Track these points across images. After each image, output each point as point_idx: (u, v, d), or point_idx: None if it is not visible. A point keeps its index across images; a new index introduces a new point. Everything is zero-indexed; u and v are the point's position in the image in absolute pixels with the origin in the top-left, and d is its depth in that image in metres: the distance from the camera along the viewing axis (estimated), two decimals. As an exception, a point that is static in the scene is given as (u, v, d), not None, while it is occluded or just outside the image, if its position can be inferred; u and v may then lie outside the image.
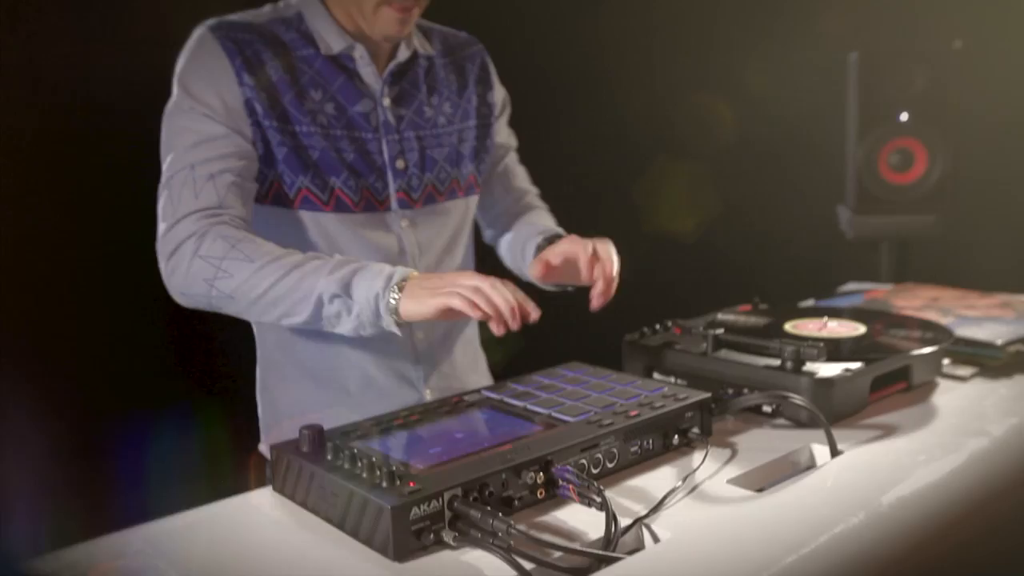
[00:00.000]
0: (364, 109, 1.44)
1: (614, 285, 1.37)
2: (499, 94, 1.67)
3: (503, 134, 1.69)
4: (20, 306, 2.32)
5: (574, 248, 1.37)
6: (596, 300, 1.35)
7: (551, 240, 1.53)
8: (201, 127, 1.32)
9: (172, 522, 1.01)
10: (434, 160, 1.51)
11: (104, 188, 2.27)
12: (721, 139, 3.12)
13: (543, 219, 1.70)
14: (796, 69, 2.82)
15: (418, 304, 1.17)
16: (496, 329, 1.17)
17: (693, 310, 1.62)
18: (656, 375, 1.40)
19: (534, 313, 1.18)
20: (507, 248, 1.70)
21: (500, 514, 0.88)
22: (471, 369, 1.63)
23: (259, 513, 1.03)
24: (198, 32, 1.38)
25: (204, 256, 1.24)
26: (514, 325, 1.16)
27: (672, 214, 3.18)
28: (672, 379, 1.37)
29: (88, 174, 2.32)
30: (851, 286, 2.03)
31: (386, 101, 1.46)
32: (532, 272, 1.43)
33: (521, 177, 1.75)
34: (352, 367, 1.47)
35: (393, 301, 1.18)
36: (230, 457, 2.37)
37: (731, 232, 3.11)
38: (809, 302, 1.85)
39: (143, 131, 1.46)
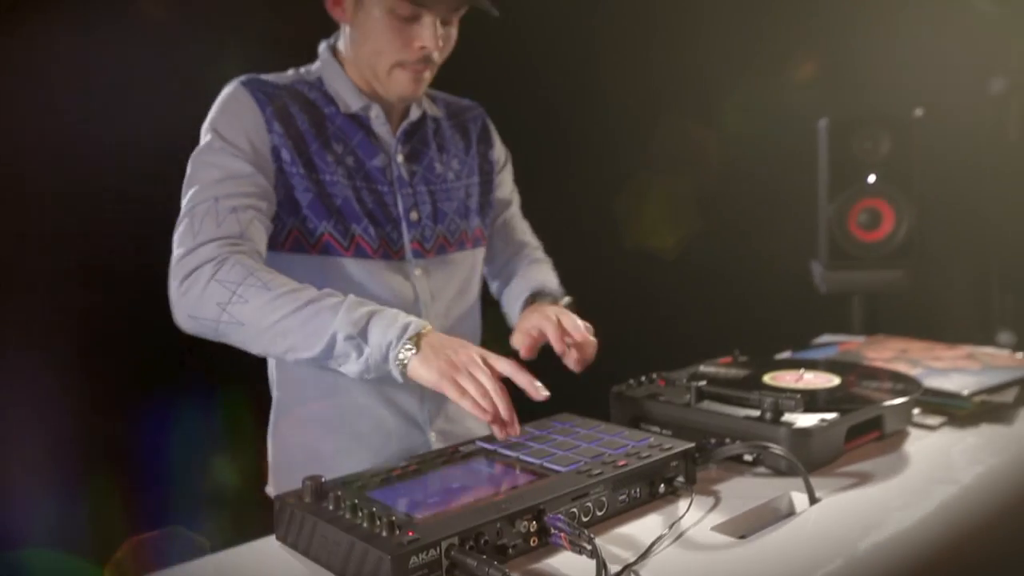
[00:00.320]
0: (380, 164, 1.46)
1: (590, 348, 1.38)
2: (499, 152, 1.69)
3: (504, 189, 1.70)
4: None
5: (542, 323, 1.38)
6: (575, 366, 1.36)
7: (535, 298, 1.54)
8: (229, 164, 1.32)
9: (182, 570, 1.00)
10: (445, 213, 1.52)
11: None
12: (701, 200, 3.15)
13: (540, 274, 1.68)
14: (771, 135, 2.87)
15: (427, 372, 1.16)
16: (497, 432, 1.17)
17: (677, 361, 1.63)
18: (642, 425, 1.40)
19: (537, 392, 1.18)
20: (505, 303, 1.70)
21: (495, 562, 0.87)
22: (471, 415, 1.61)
23: (263, 563, 1.02)
24: (231, 86, 1.41)
25: (221, 280, 1.21)
26: (513, 431, 1.16)
27: (656, 270, 3.20)
28: (658, 429, 1.37)
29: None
30: (825, 338, 2.04)
31: (399, 157, 1.48)
32: (521, 352, 1.40)
33: (521, 231, 1.75)
34: (363, 413, 1.46)
35: (404, 355, 1.17)
36: (237, 497, 2.38)
37: (712, 286, 3.12)
38: (786, 354, 1.85)
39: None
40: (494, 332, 1.63)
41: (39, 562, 2.07)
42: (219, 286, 1.21)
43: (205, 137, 1.37)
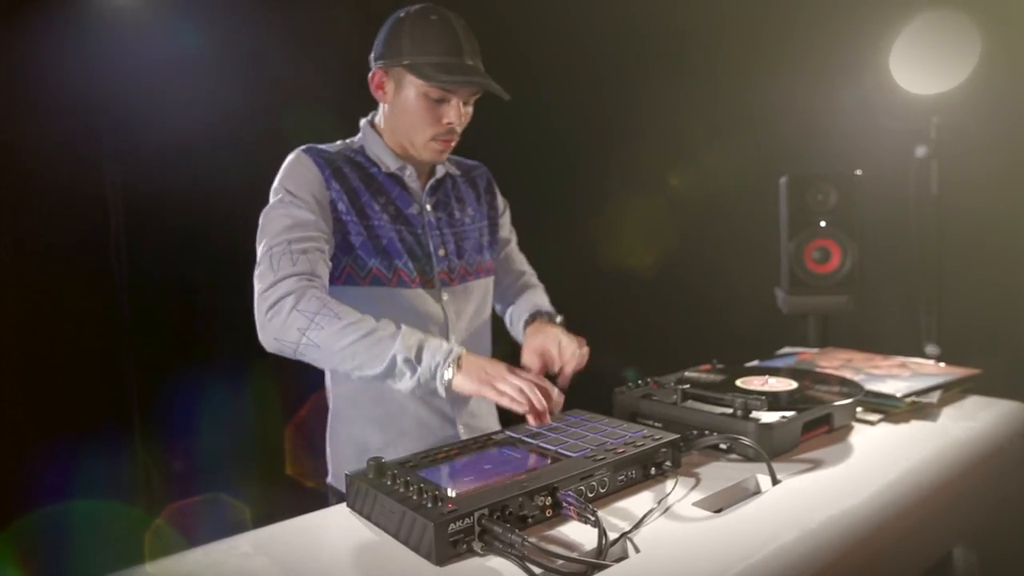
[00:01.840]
0: (414, 211, 1.44)
1: (582, 360, 1.38)
2: (500, 201, 1.66)
3: (505, 230, 1.68)
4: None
5: (547, 344, 1.37)
6: (563, 381, 1.35)
7: (535, 317, 1.53)
8: (297, 214, 1.30)
9: (274, 529, 0.99)
10: (465, 250, 1.51)
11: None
12: (687, 239, 3.13)
13: (536, 297, 1.66)
14: (744, 188, 2.84)
15: (469, 384, 1.16)
16: (532, 420, 1.16)
17: (667, 367, 1.59)
18: (639, 419, 1.37)
19: (558, 398, 1.18)
20: (509, 320, 1.67)
21: (517, 530, 0.85)
22: (487, 412, 1.57)
23: (338, 525, 1.01)
24: (294, 154, 1.39)
25: (301, 310, 1.19)
26: (545, 420, 1.16)
27: (650, 295, 3.18)
28: (651, 422, 1.34)
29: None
30: (786, 350, 1.98)
31: (428, 206, 1.47)
32: (531, 367, 1.38)
33: (519, 262, 1.72)
34: (405, 412, 1.43)
35: (447, 374, 1.17)
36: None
37: (695, 307, 3.08)
38: (755, 362, 1.80)
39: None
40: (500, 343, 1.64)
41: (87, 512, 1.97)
42: (300, 315, 1.19)
43: (276, 196, 1.34)
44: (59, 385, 2.32)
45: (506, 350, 1.55)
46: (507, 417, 1.33)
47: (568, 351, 1.36)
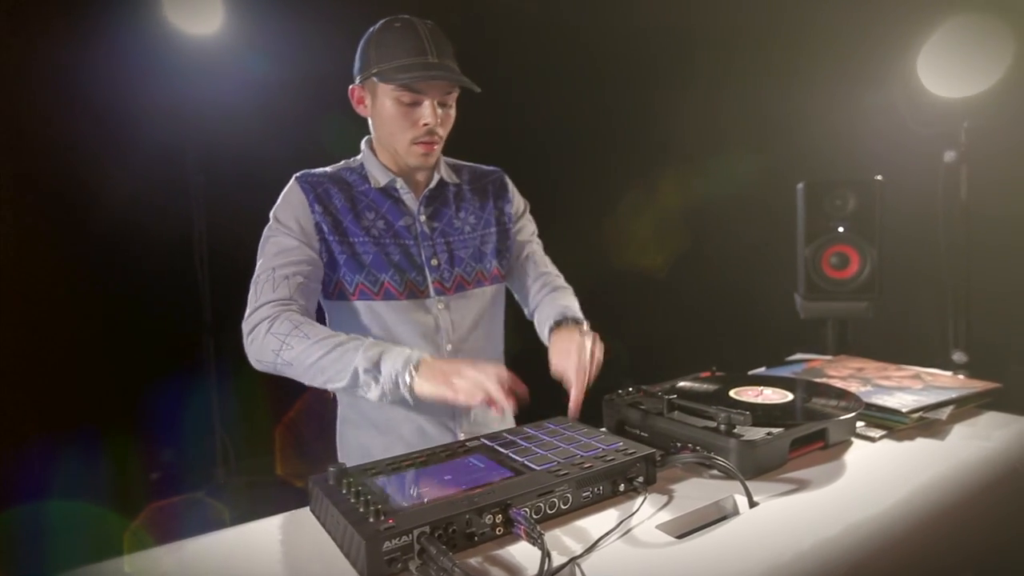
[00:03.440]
0: (406, 223, 1.37)
1: (595, 371, 1.27)
2: (516, 204, 1.55)
3: (525, 233, 1.57)
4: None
5: (566, 367, 1.25)
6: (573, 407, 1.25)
7: (560, 323, 1.40)
8: (282, 241, 1.28)
9: (233, 532, 0.91)
10: (461, 258, 1.41)
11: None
12: (711, 245, 2.95)
13: (564, 299, 1.53)
14: (761, 194, 2.65)
15: (428, 386, 1.10)
16: (494, 411, 1.08)
17: (685, 372, 1.46)
18: (626, 428, 1.24)
19: (520, 387, 1.09)
20: (537, 325, 1.56)
21: (450, 553, 0.74)
22: (496, 421, 1.48)
23: (295, 530, 0.92)
24: (290, 181, 1.36)
25: (274, 333, 1.18)
26: (504, 404, 1.06)
27: (677, 300, 3.01)
28: (637, 432, 1.21)
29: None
30: (797, 356, 1.81)
31: (423, 217, 1.39)
32: (558, 377, 1.28)
33: (542, 264, 1.60)
34: (406, 420, 1.37)
35: (408, 380, 1.10)
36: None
37: (718, 311, 2.91)
38: (761, 369, 1.64)
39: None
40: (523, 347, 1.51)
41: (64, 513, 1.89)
42: (273, 337, 1.18)
43: (270, 222, 1.33)
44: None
45: (528, 354, 1.43)
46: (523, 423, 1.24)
47: (592, 359, 1.26)
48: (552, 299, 1.54)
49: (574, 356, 1.24)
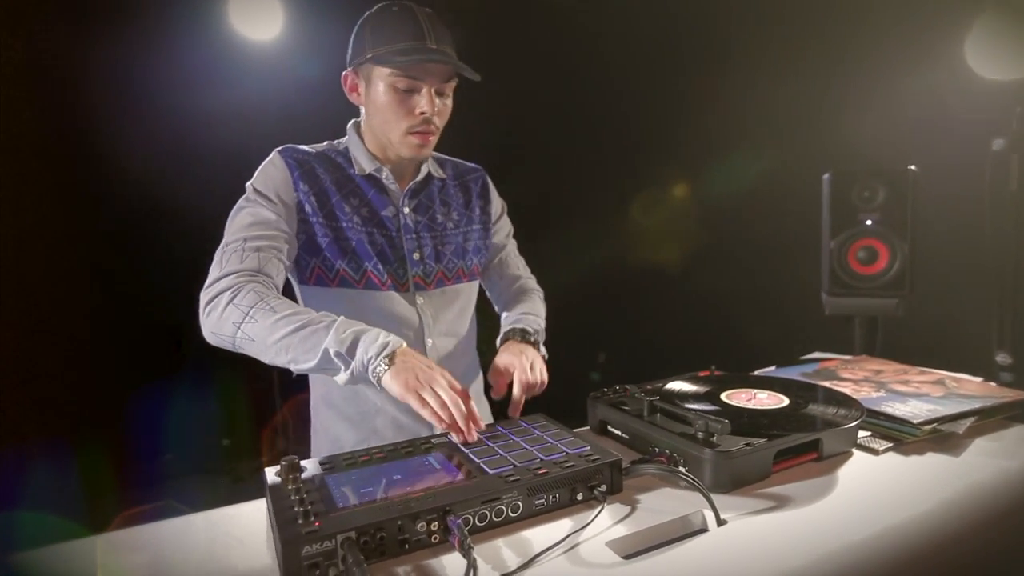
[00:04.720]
0: (389, 214, 1.28)
1: (538, 389, 1.23)
2: (495, 206, 1.46)
3: (500, 235, 1.48)
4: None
5: (511, 365, 1.22)
6: (513, 410, 1.18)
7: (508, 336, 1.34)
8: (259, 212, 1.17)
9: (183, 521, 0.87)
10: (444, 254, 1.32)
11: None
12: (737, 239, 2.77)
13: (525, 307, 1.45)
14: (787, 185, 2.45)
15: (396, 384, 0.98)
16: (456, 438, 0.99)
17: (703, 367, 1.36)
18: (609, 429, 1.14)
19: (480, 424, 1.00)
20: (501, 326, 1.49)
21: (365, 565, 0.67)
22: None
23: (239, 521, 0.87)
24: (272, 154, 1.26)
25: (237, 304, 1.06)
26: (463, 438, 0.98)
27: (700, 296, 2.85)
28: (619, 433, 1.11)
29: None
30: (814, 355, 1.65)
31: (406, 209, 1.29)
32: (492, 392, 1.22)
33: (516, 266, 1.51)
34: (380, 412, 1.28)
35: (379, 369, 0.99)
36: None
37: (742, 307, 2.73)
38: (770, 369, 1.50)
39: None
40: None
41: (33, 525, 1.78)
42: (235, 309, 1.06)
43: (246, 193, 1.22)
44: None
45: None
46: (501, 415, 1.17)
47: (530, 375, 1.19)
48: (516, 307, 1.47)
49: (516, 362, 1.21)
